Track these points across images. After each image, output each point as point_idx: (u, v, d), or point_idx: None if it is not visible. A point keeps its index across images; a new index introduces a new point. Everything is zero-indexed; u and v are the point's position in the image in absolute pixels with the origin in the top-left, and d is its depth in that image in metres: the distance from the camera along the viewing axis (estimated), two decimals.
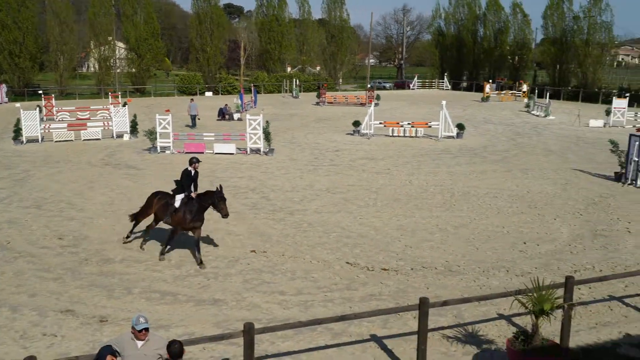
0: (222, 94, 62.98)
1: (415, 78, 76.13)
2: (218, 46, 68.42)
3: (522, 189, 20.70)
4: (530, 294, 8.52)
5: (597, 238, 15.27)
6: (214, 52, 67.88)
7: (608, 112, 39.49)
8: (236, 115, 41.20)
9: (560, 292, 9.09)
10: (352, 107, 49.54)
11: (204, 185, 21.06)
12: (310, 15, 76.68)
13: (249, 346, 7.68)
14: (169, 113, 28.08)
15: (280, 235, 15.35)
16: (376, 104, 45.12)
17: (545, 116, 43.48)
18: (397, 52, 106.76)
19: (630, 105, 42.44)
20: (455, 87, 73.95)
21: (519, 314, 10.13)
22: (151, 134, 27.98)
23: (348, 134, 33.71)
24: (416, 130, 32.88)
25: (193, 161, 13.56)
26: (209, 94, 63.33)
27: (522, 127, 37.84)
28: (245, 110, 43.20)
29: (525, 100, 53.04)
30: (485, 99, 56.86)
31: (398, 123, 33.77)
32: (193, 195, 13.28)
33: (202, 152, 27.37)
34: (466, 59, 75.32)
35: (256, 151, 27.61)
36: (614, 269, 12.78)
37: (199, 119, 37.44)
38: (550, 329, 9.42)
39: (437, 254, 14.00)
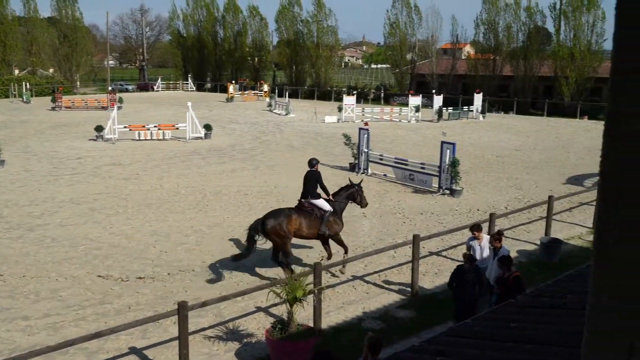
0: None
1: (159, 80, 74.66)
2: None
3: (270, 184, 21.60)
4: (284, 284, 8.93)
5: None
6: None
7: (340, 109, 43.18)
8: None
9: (311, 278, 9.69)
10: (93, 112, 46.80)
11: None
12: (38, 13, 70.39)
13: None
14: None
15: (20, 254, 13.88)
16: (119, 107, 43.24)
17: (286, 114, 45.95)
18: (137, 54, 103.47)
19: (357, 101, 47.00)
20: (200, 88, 74.25)
21: (276, 304, 10.57)
22: None
23: (90, 139, 31.76)
24: (164, 133, 32.29)
25: (314, 163, 13.32)
26: None
27: (266, 126, 39.48)
28: None
29: (267, 99, 55.42)
30: (230, 99, 58.08)
31: (144, 126, 32.79)
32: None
33: None
34: (208, 60, 76.02)
35: None
36: (355, 251, 14.03)
37: None
38: (304, 314, 9.99)
39: (194, 256, 13.93)
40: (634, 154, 1.04)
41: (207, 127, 32.91)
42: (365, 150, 23.62)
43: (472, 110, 46.28)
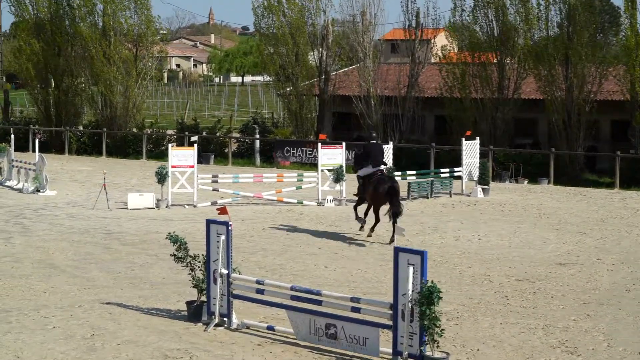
0: None
1: None
2: None
3: None
4: None
5: None
6: None
7: (162, 176, 41.91)
8: None
9: None
10: None
11: None
12: None
13: None
14: None
15: None
16: None
17: (37, 191, 45.27)
18: None
19: (202, 159, 46.96)
20: None
21: None
22: None
23: None
24: None
25: (375, 135, 35.11)
26: None
27: None
28: None
29: None
30: None
31: None
32: None
33: None
34: None
35: None
36: None
37: None
38: None
39: None
40: None
41: None
42: (224, 271, 23.41)
43: (460, 177, 47.59)
